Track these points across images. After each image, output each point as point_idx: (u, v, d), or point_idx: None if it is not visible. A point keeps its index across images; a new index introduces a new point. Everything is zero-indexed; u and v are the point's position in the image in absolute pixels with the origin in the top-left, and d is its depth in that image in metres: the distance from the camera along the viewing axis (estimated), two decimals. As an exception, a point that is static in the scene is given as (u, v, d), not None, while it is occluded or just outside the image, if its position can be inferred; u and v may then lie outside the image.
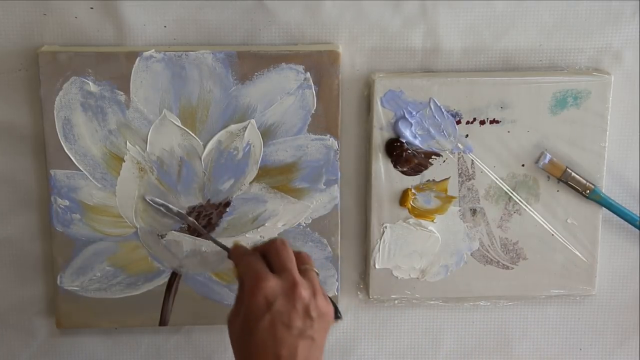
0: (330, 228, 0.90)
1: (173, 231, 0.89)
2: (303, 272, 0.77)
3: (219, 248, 0.90)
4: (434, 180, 0.90)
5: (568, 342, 0.98)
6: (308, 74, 0.86)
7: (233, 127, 0.87)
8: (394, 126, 0.88)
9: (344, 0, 0.87)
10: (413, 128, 0.88)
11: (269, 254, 0.78)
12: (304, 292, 0.74)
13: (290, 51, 0.86)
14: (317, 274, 0.78)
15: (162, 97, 0.86)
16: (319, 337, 0.75)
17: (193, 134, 0.87)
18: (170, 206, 0.87)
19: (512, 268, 0.93)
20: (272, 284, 0.74)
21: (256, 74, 0.86)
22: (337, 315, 0.79)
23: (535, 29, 0.89)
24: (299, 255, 0.78)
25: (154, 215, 0.88)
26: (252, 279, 0.75)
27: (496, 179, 0.90)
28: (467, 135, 0.89)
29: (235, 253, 0.80)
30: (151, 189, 0.88)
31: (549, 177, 0.91)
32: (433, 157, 0.89)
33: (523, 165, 0.90)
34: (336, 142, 0.88)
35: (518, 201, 0.91)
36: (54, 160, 0.87)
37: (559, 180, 0.90)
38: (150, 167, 0.87)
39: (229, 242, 0.90)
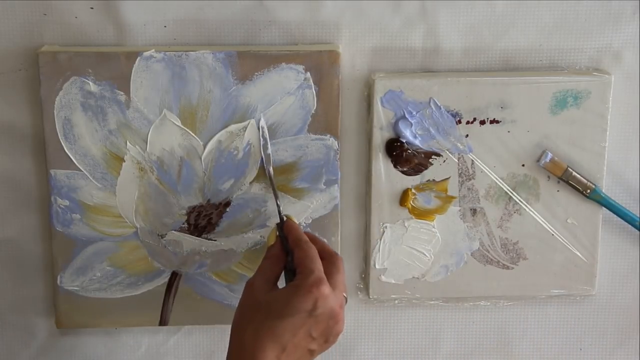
0: (330, 228, 0.90)
1: (173, 231, 0.89)
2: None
3: (219, 248, 0.90)
4: (434, 180, 0.90)
5: (568, 342, 0.98)
6: (308, 74, 0.86)
7: (233, 127, 0.87)
8: (394, 126, 0.88)
9: (344, 0, 0.87)
10: (413, 128, 0.88)
11: (327, 263, 0.80)
12: (342, 324, 0.78)
13: (290, 51, 0.86)
14: (346, 300, 0.81)
15: (162, 97, 0.86)
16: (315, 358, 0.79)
17: (193, 134, 0.87)
18: None
19: (512, 268, 0.93)
20: (327, 294, 0.76)
21: (256, 74, 0.86)
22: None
23: (535, 29, 0.89)
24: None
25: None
26: (312, 277, 0.76)
27: (496, 179, 0.90)
28: (467, 135, 0.89)
29: (293, 233, 0.82)
30: (151, 189, 0.88)
31: (549, 177, 0.91)
32: (433, 157, 0.89)
33: (523, 165, 0.90)
34: (336, 142, 0.88)
35: (518, 201, 0.91)
36: (54, 160, 0.87)
37: (560, 179, 0.90)
38: (150, 167, 0.87)
39: (229, 242, 0.90)
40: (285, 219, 0.85)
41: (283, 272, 0.82)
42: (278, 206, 0.86)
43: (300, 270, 0.78)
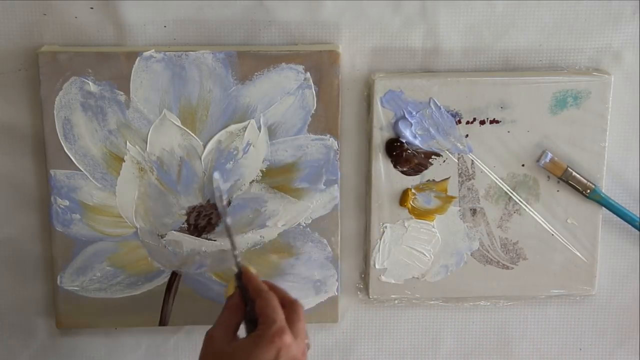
0: (330, 228, 0.90)
1: (173, 231, 0.89)
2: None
3: (219, 248, 0.90)
4: (434, 180, 0.90)
5: (568, 342, 0.98)
6: (308, 74, 0.86)
7: (233, 127, 0.87)
8: (394, 126, 0.88)
9: (344, 0, 0.87)
10: (413, 128, 0.88)
11: (288, 311, 0.79)
12: None
13: (290, 51, 0.86)
14: (309, 346, 0.81)
15: (162, 97, 0.86)
16: None
17: (193, 134, 0.87)
18: None
19: (512, 268, 0.93)
20: (289, 343, 0.76)
21: (256, 74, 0.86)
22: None
23: (535, 29, 0.89)
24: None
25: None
26: (275, 327, 0.76)
27: (496, 179, 0.90)
28: (467, 135, 0.89)
29: (252, 283, 0.81)
30: (151, 189, 0.88)
31: (549, 177, 0.91)
32: (433, 157, 0.89)
33: (523, 165, 0.90)
34: (336, 142, 0.88)
35: (518, 201, 0.91)
36: (54, 160, 0.87)
37: (560, 179, 0.90)
38: (150, 167, 0.87)
39: (229, 243, 0.90)
40: (241, 269, 0.83)
41: (244, 323, 0.81)
42: (235, 257, 0.83)
43: (262, 320, 0.78)
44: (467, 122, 0.88)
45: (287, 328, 0.77)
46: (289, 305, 0.81)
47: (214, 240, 0.90)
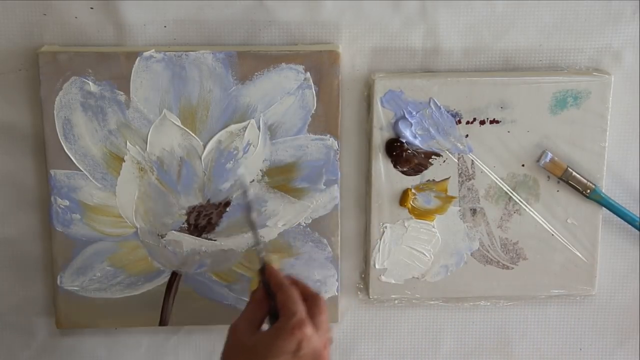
0: (330, 228, 0.90)
1: (173, 231, 0.89)
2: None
3: (219, 248, 0.90)
4: (434, 180, 0.90)
5: (568, 342, 0.98)
6: (308, 74, 0.86)
7: (233, 127, 0.87)
8: (394, 126, 0.88)
9: (344, 0, 0.87)
10: (413, 128, 0.88)
11: (310, 304, 0.80)
12: None
13: (290, 51, 0.86)
14: (331, 341, 0.82)
15: (162, 97, 0.86)
16: None
17: (193, 134, 0.87)
18: None
19: (512, 268, 0.93)
20: (310, 335, 0.76)
21: (256, 74, 0.86)
22: None
23: (535, 29, 0.89)
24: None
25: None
26: (295, 319, 0.76)
27: (496, 179, 0.90)
28: (467, 135, 0.89)
29: (274, 278, 0.82)
30: (151, 189, 0.88)
31: (549, 177, 0.91)
32: (433, 157, 0.89)
33: (523, 165, 0.90)
34: (336, 142, 0.88)
35: (518, 201, 0.91)
36: (54, 160, 0.87)
37: (560, 179, 0.90)
38: (150, 167, 0.87)
39: (229, 242, 0.90)
40: (264, 264, 0.83)
41: (268, 317, 0.81)
42: (259, 252, 0.84)
43: (283, 312, 0.78)
44: (467, 122, 0.89)
45: (308, 320, 0.77)
46: (311, 299, 0.81)
47: (214, 240, 0.90)
